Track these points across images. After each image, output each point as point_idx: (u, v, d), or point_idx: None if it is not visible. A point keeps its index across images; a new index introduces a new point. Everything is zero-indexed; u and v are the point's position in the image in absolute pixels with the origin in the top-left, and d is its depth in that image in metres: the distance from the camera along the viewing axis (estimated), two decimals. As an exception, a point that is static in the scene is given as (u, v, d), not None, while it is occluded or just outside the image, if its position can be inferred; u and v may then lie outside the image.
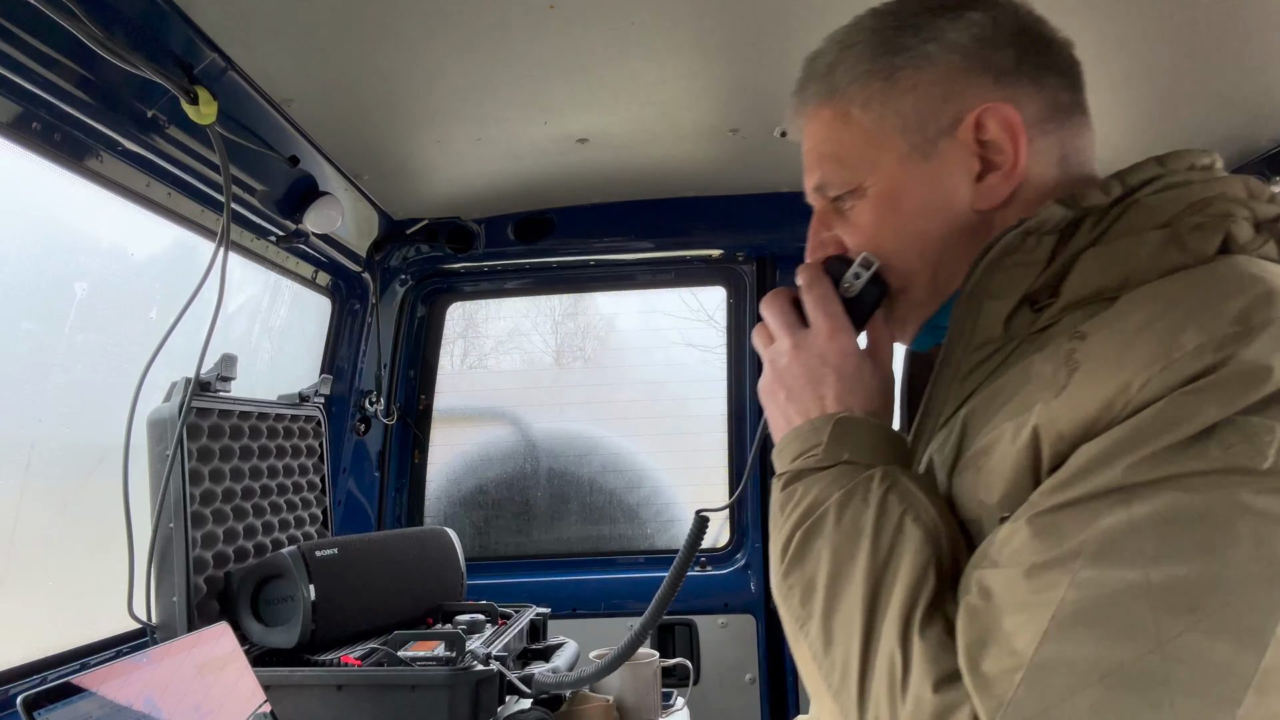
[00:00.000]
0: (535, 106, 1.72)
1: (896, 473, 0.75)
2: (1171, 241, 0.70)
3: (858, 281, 0.86)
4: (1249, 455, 0.57)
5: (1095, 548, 0.59)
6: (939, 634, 0.66)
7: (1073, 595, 0.59)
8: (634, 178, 2.20)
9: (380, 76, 1.56)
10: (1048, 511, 0.63)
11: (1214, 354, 0.59)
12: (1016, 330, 0.77)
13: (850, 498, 0.74)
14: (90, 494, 1.59)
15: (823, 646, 0.72)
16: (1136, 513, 0.59)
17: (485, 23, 1.38)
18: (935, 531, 0.71)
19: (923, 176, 0.83)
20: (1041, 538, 0.62)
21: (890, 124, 0.83)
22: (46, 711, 0.92)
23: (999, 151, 0.80)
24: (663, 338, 2.78)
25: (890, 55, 0.83)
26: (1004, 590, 0.63)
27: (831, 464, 0.78)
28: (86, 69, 1.22)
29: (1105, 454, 0.61)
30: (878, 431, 0.80)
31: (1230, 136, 1.87)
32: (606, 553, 2.66)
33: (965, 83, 0.81)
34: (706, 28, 1.44)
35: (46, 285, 1.49)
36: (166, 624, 1.48)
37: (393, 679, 1.42)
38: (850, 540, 0.73)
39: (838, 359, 0.83)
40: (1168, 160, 0.78)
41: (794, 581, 0.75)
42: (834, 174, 0.87)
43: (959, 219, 0.82)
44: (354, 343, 2.37)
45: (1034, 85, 0.82)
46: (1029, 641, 0.60)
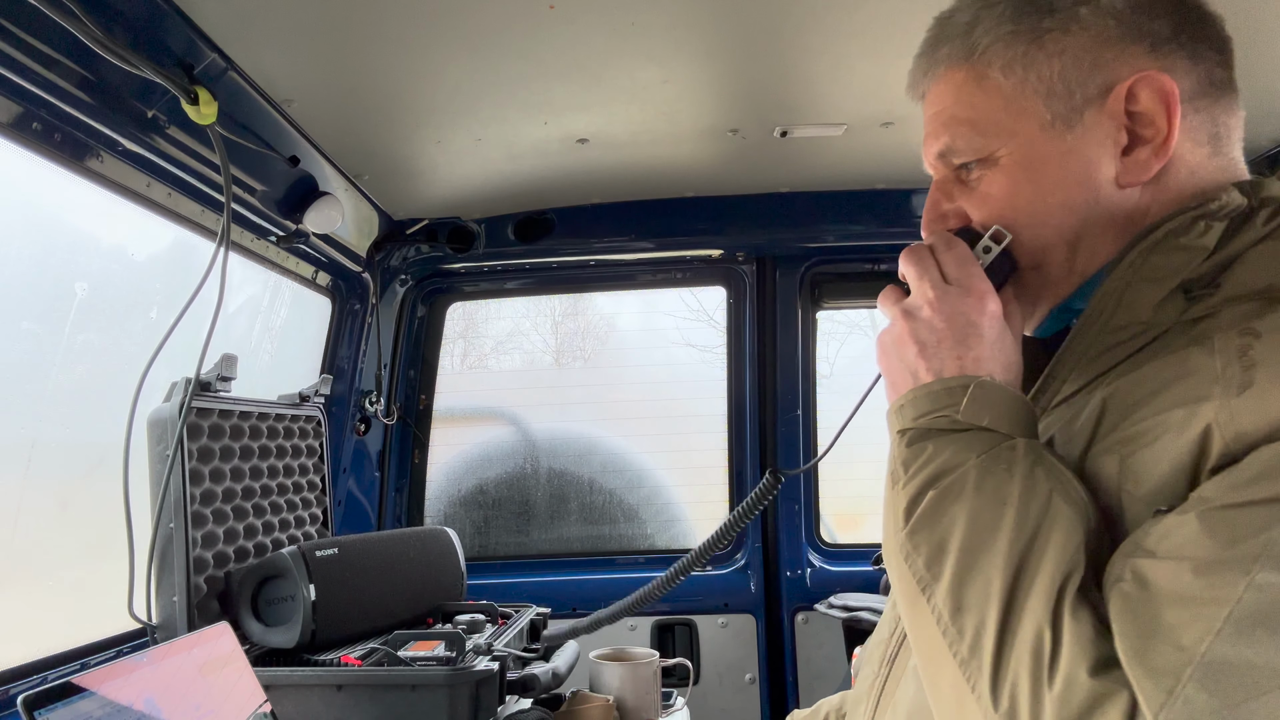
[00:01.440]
0: (535, 106, 1.72)
1: (1041, 448, 0.72)
2: None
3: (988, 255, 0.81)
4: None
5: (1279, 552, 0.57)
6: (1092, 617, 0.63)
7: (1252, 597, 0.57)
8: (634, 178, 2.20)
9: (380, 76, 1.56)
10: (1223, 508, 0.60)
11: None
12: (1164, 317, 0.73)
13: (994, 464, 0.71)
14: (90, 494, 1.59)
15: (951, 612, 0.68)
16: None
17: (485, 23, 1.38)
18: (1086, 513, 0.68)
19: (1065, 147, 0.78)
20: (1214, 535, 0.59)
21: (1033, 89, 0.79)
22: (47, 711, 0.92)
23: (1149, 124, 0.77)
24: (663, 338, 2.78)
25: (1038, 16, 0.79)
26: (1166, 582, 0.60)
27: (969, 427, 0.74)
28: (86, 69, 1.22)
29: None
30: (1016, 402, 0.76)
31: None
32: (606, 553, 2.67)
33: (1118, 50, 0.77)
34: (706, 28, 1.44)
35: (46, 285, 1.49)
36: (166, 624, 1.48)
37: (393, 679, 1.42)
38: (992, 508, 0.69)
39: (986, 321, 0.78)
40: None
41: (920, 541, 0.71)
42: (965, 140, 0.82)
43: (1101, 195, 0.78)
44: (354, 343, 2.37)
45: (1189, 58, 0.78)
46: (1198, 638, 0.57)
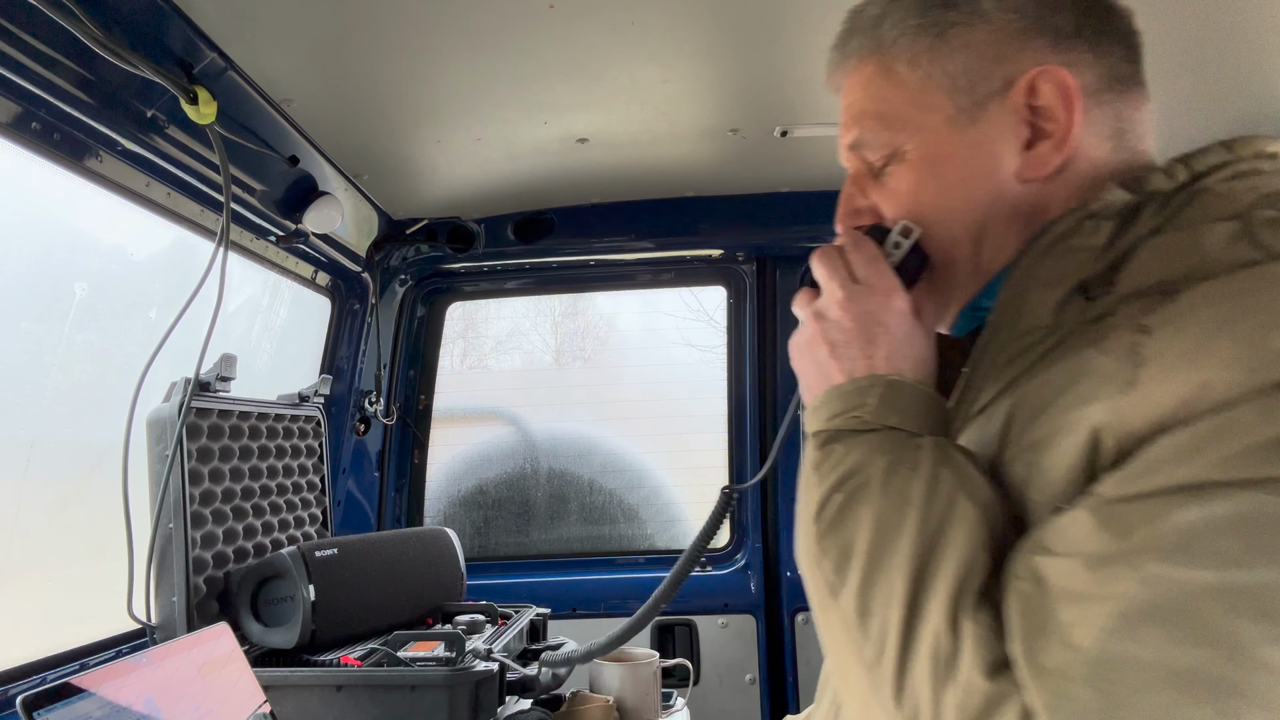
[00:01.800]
0: (535, 106, 1.72)
1: (947, 445, 0.71)
2: (1241, 236, 0.65)
3: (898, 251, 0.81)
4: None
5: (1169, 544, 0.56)
6: (991, 619, 0.63)
7: (1140, 591, 0.56)
8: (634, 178, 2.20)
9: (380, 76, 1.56)
10: (1113, 502, 0.60)
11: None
12: (1067, 319, 0.72)
13: (898, 465, 0.70)
14: (90, 494, 1.59)
15: (858, 617, 0.68)
16: (1216, 512, 0.56)
17: (485, 23, 1.38)
18: (990, 512, 0.67)
19: (968, 141, 0.79)
20: (1106, 529, 0.59)
21: (937, 83, 0.79)
22: (46, 711, 0.92)
23: (1051, 119, 0.76)
24: (663, 338, 2.78)
25: (942, 10, 0.79)
26: (1061, 579, 0.60)
27: (878, 427, 0.73)
28: (86, 69, 1.22)
29: (1182, 450, 0.58)
30: (926, 399, 0.75)
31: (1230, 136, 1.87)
32: (606, 553, 2.66)
33: (1021, 44, 0.77)
34: (706, 28, 1.44)
35: (46, 285, 1.49)
36: (166, 624, 1.48)
37: (393, 679, 1.42)
38: (897, 509, 0.68)
39: (893, 319, 0.78)
40: (1235, 146, 0.74)
41: (828, 545, 0.71)
42: (873, 133, 0.83)
43: (1004, 189, 0.78)
44: (354, 343, 2.37)
45: (1093, 52, 0.77)
46: (1089, 635, 0.57)
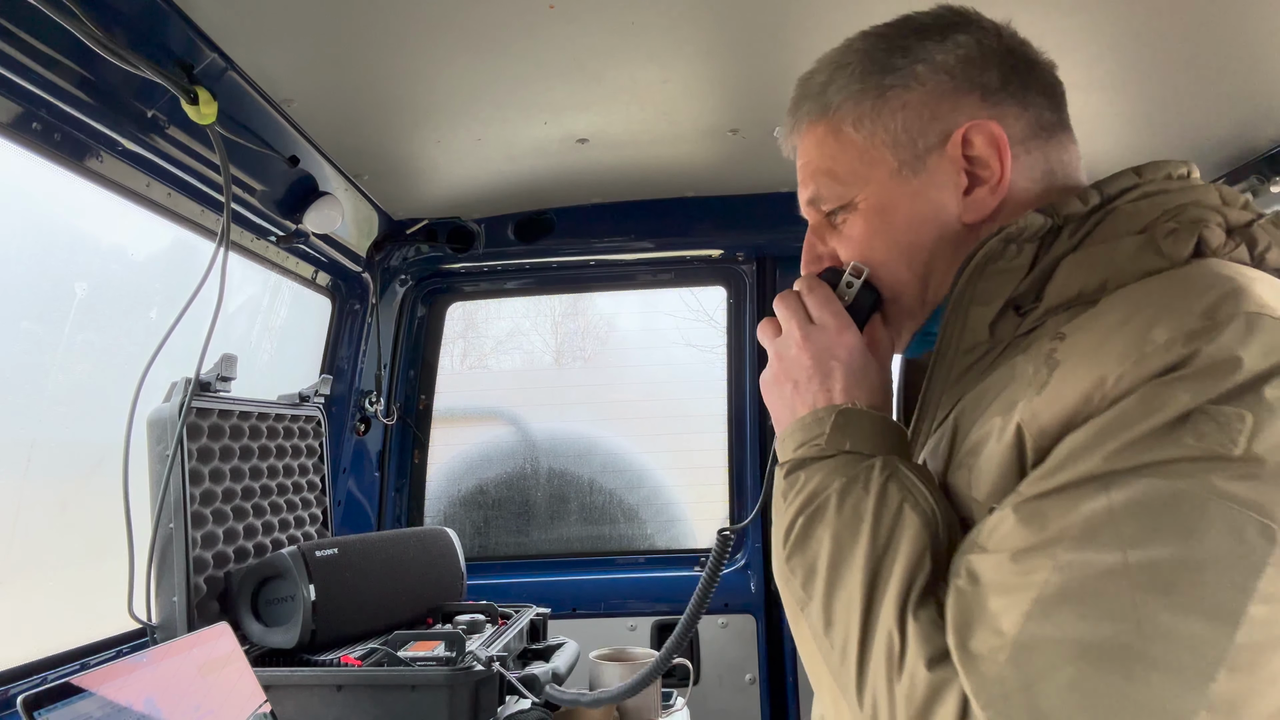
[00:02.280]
0: (535, 106, 1.72)
1: (896, 462, 0.78)
2: (1147, 246, 0.73)
3: (850, 290, 0.90)
4: (1221, 442, 0.60)
5: (1077, 532, 0.62)
6: (932, 615, 0.69)
7: (1055, 577, 0.62)
8: (634, 178, 2.20)
9: (380, 76, 1.56)
10: (1032, 499, 0.66)
11: (1183, 347, 0.62)
12: (1003, 334, 0.80)
13: (852, 485, 0.77)
14: (90, 494, 1.59)
15: (823, 627, 0.75)
16: (1115, 498, 0.61)
17: (485, 23, 1.38)
18: (932, 518, 0.74)
19: (912, 190, 0.86)
20: (1026, 524, 0.65)
21: (881, 140, 0.87)
22: (46, 711, 0.92)
23: (985, 166, 0.84)
24: (663, 338, 2.78)
25: (881, 75, 0.87)
26: (990, 573, 0.66)
27: (834, 453, 0.81)
28: (86, 69, 1.22)
29: (1085, 444, 0.64)
30: (879, 423, 0.83)
31: (1230, 136, 1.87)
32: (606, 553, 2.66)
33: (954, 101, 0.85)
34: (707, 28, 1.44)
35: (46, 285, 1.49)
36: (166, 624, 1.48)
37: (393, 679, 1.42)
38: (851, 526, 0.75)
39: (845, 354, 0.87)
40: (1145, 170, 0.81)
41: (796, 565, 0.78)
42: (827, 188, 0.91)
43: (947, 231, 0.86)
44: (354, 343, 2.37)
45: (1018, 105, 0.85)
46: (1013, 622, 0.62)
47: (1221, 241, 0.73)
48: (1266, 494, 0.58)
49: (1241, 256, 0.74)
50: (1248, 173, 1.97)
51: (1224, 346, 0.61)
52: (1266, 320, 0.62)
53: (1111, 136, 1.90)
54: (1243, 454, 0.59)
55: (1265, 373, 0.60)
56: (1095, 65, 1.56)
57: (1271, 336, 0.62)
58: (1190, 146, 1.93)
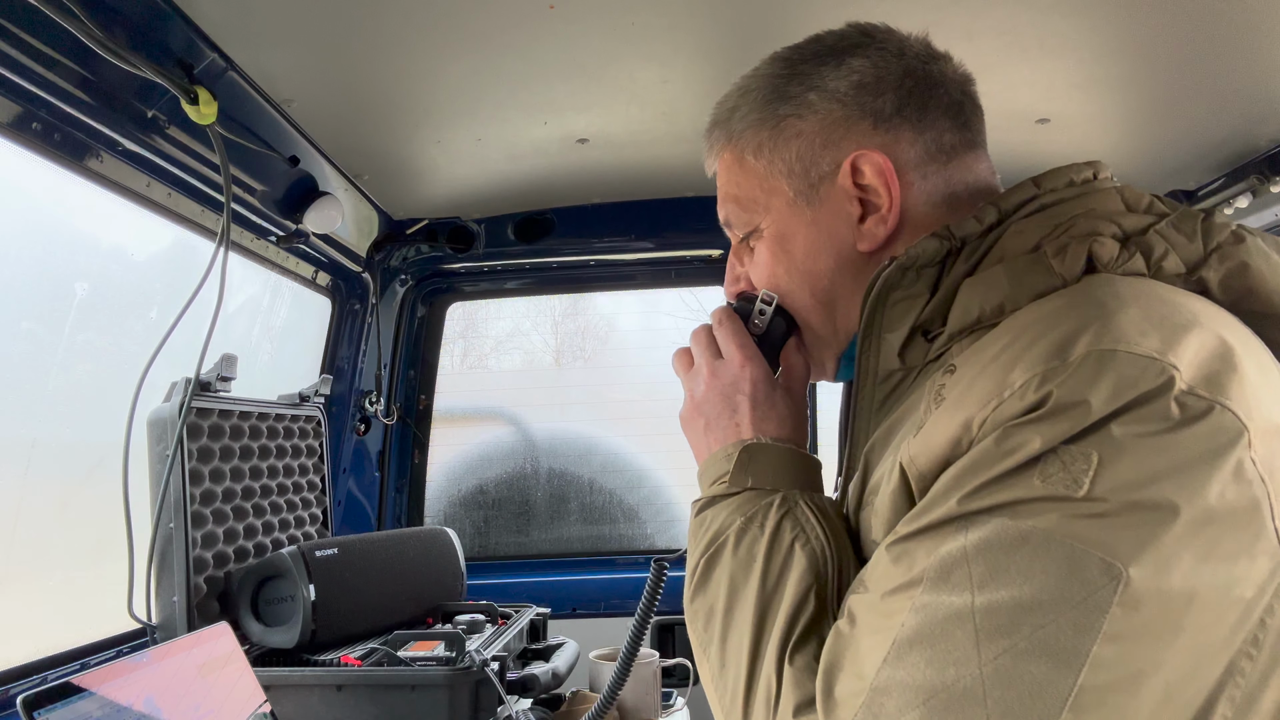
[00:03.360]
0: (535, 106, 1.72)
1: (796, 497, 0.78)
2: (1037, 265, 0.72)
3: (762, 318, 0.91)
4: (1066, 484, 0.59)
5: (934, 574, 0.61)
6: (808, 659, 0.68)
7: (911, 620, 0.61)
8: (634, 178, 2.20)
9: (380, 76, 1.56)
10: (902, 539, 0.65)
11: (1035, 391, 0.61)
12: (913, 360, 0.79)
13: (750, 524, 0.77)
14: (90, 494, 1.59)
15: (718, 669, 0.75)
16: (970, 539, 0.61)
17: (485, 23, 1.38)
18: (821, 557, 0.73)
19: (809, 220, 0.86)
20: (896, 563, 0.65)
21: (778, 169, 0.87)
22: (46, 711, 0.92)
23: (876, 195, 0.83)
24: (663, 338, 2.78)
25: (777, 103, 0.87)
26: (864, 614, 0.65)
27: (739, 490, 0.81)
28: (86, 69, 1.22)
29: (948, 485, 0.64)
30: (783, 456, 0.83)
31: (1230, 136, 1.87)
32: (606, 553, 2.66)
33: (844, 130, 0.84)
34: (707, 28, 1.44)
35: (46, 285, 1.49)
36: (166, 624, 1.48)
37: (393, 679, 1.42)
38: (745, 567, 0.75)
39: (749, 387, 0.87)
40: (1044, 180, 0.79)
41: (698, 607, 0.78)
42: (734, 214, 0.92)
43: (845, 259, 0.86)
44: (354, 343, 2.37)
45: (913, 129, 0.84)
46: (873, 665, 0.62)
47: (1114, 255, 0.71)
48: (1110, 533, 0.57)
49: (1137, 267, 0.71)
50: (1248, 173, 1.97)
51: (1073, 390, 0.60)
52: (1120, 356, 0.60)
53: (1112, 136, 1.90)
54: (1086, 494, 0.58)
55: (1113, 413, 0.59)
56: (1095, 65, 1.56)
57: (1122, 373, 0.59)
58: (1190, 146, 1.93)
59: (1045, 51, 1.50)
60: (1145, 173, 2.07)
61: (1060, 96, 1.67)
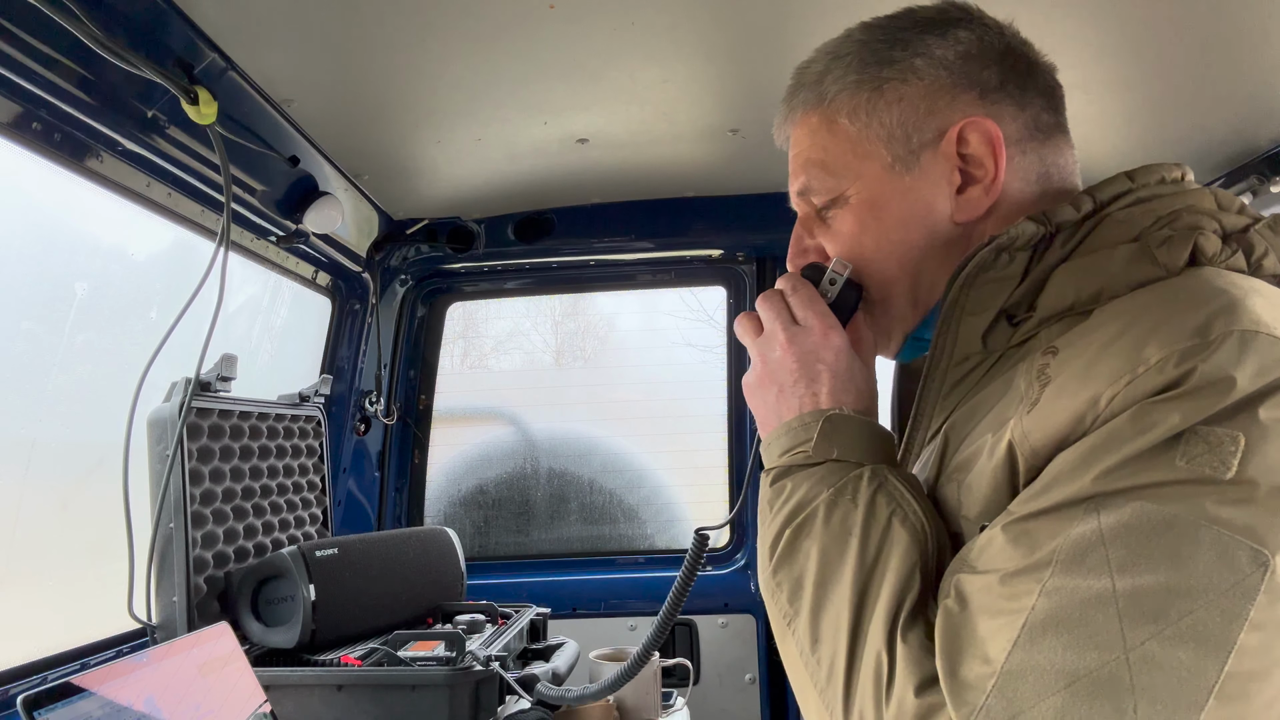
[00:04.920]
0: (535, 106, 1.72)
1: (885, 472, 0.76)
2: (1141, 255, 0.71)
3: (834, 287, 0.87)
4: (1213, 465, 0.58)
5: (1065, 556, 0.60)
6: (921, 637, 0.67)
7: (1043, 603, 0.60)
8: (634, 178, 2.20)
9: (380, 76, 1.56)
10: (1022, 519, 0.64)
11: (1175, 367, 0.60)
12: (995, 344, 0.78)
13: (839, 496, 0.75)
14: (90, 494, 1.59)
15: (810, 644, 0.73)
16: (1105, 522, 0.60)
17: (485, 23, 1.38)
18: (922, 534, 0.72)
19: (904, 187, 0.84)
20: (1016, 545, 0.63)
21: (875, 134, 0.84)
22: (46, 711, 0.92)
23: (979, 165, 0.82)
24: (663, 338, 2.78)
25: (878, 67, 0.85)
26: (979, 596, 0.64)
27: (821, 460, 0.79)
28: (86, 69, 1.22)
29: (1076, 464, 0.62)
30: (867, 429, 0.81)
31: (1230, 136, 1.87)
32: (606, 553, 2.66)
33: (950, 98, 0.83)
34: (707, 28, 1.44)
35: (46, 285, 1.49)
36: (166, 624, 1.48)
37: (393, 679, 1.42)
38: (839, 540, 0.73)
39: (832, 356, 0.84)
40: (1138, 175, 0.79)
41: (782, 579, 0.76)
42: (818, 180, 0.88)
43: (939, 230, 0.84)
44: (354, 343, 2.37)
45: (1016, 105, 0.84)
46: (1001, 648, 0.61)
47: (1217, 249, 0.71)
48: (1259, 519, 0.57)
49: (1238, 264, 0.72)
50: (1248, 173, 1.97)
51: (1217, 366, 0.59)
52: (1262, 338, 0.60)
53: (1112, 136, 1.90)
54: (1234, 477, 0.57)
55: (1259, 393, 0.59)
56: (1095, 65, 1.56)
57: (1266, 355, 0.60)
58: (1190, 146, 1.93)
59: (1045, 51, 1.49)
60: (1145, 173, 2.06)
61: (1060, 96, 1.67)
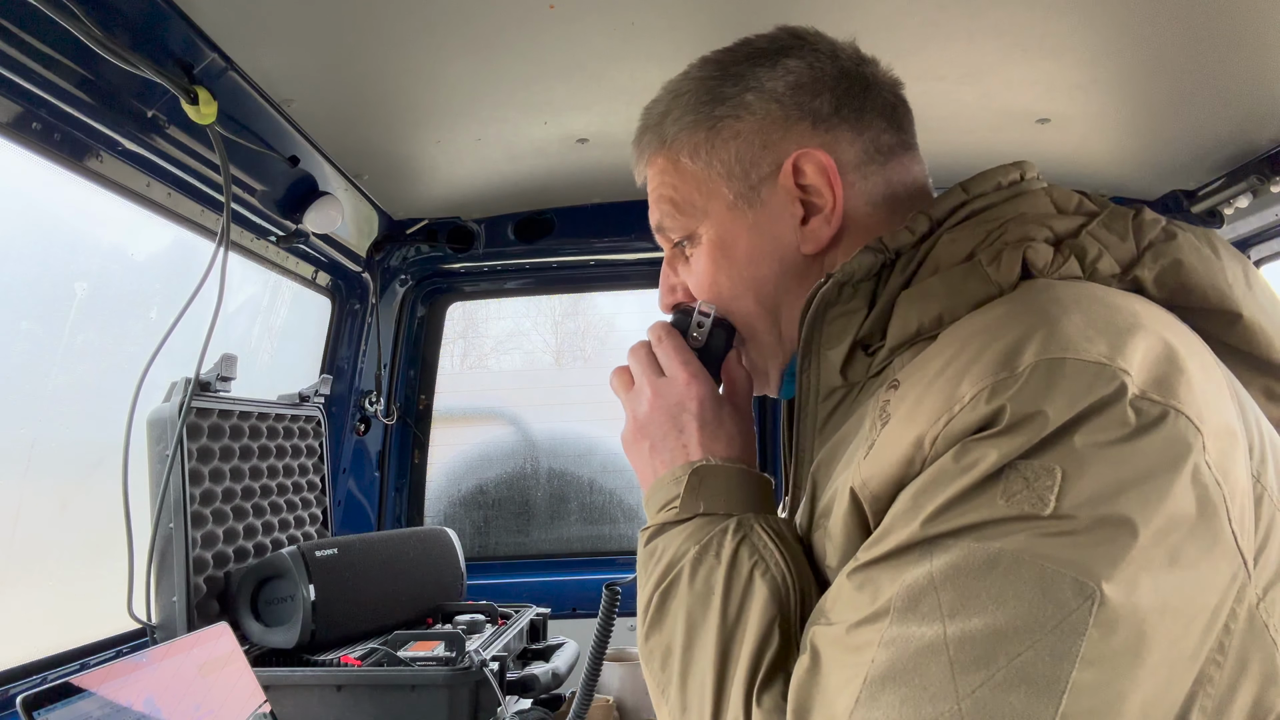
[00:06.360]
0: (535, 106, 1.72)
1: (751, 521, 0.74)
2: (973, 274, 0.70)
3: (701, 330, 0.88)
4: (1031, 502, 0.56)
5: (901, 604, 0.59)
6: (777, 698, 0.65)
7: (881, 655, 0.58)
8: (634, 178, 2.19)
9: (380, 76, 1.56)
10: (864, 566, 0.62)
11: (987, 404, 0.59)
12: (855, 376, 0.77)
13: (704, 554, 0.73)
14: (90, 494, 1.59)
15: (680, 714, 0.71)
16: (935, 565, 0.58)
17: (485, 23, 1.38)
18: (782, 585, 0.70)
19: (750, 223, 0.84)
20: (860, 593, 0.62)
21: (716, 171, 0.85)
22: (46, 711, 0.93)
23: (819, 195, 0.82)
24: (663, 338, 2.77)
25: (712, 105, 0.85)
26: (829, 649, 0.62)
27: (690, 516, 0.77)
28: (86, 69, 1.22)
29: (908, 507, 0.61)
30: (736, 477, 0.79)
31: (1230, 136, 1.87)
32: (606, 553, 2.66)
33: (783, 130, 0.83)
34: (707, 28, 1.43)
35: (46, 285, 1.49)
36: (166, 624, 1.48)
37: (393, 679, 1.42)
38: (702, 601, 0.72)
39: (696, 405, 0.83)
40: (972, 184, 0.78)
41: (654, 645, 0.74)
42: (670, 219, 0.89)
43: (789, 263, 0.84)
44: (354, 343, 2.37)
45: (853, 130, 0.83)
46: (845, 707, 0.59)
47: (1048, 259, 0.70)
48: (1081, 550, 0.55)
49: (1072, 270, 0.70)
50: (1248, 173, 1.97)
51: (1027, 400, 0.58)
52: (1069, 364, 0.58)
53: (1112, 136, 1.90)
54: (1053, 512, 0.56)
55: (1071, 422, 0.57)
56: (1095, 65, 1.56)
57: (1075, 382, 0.57)
58: (1190, 146, 1.93)
59: (1045, 51, 1.50)
60: (1145, 173, 2.06)
61: (1060, 96, 1.67)
